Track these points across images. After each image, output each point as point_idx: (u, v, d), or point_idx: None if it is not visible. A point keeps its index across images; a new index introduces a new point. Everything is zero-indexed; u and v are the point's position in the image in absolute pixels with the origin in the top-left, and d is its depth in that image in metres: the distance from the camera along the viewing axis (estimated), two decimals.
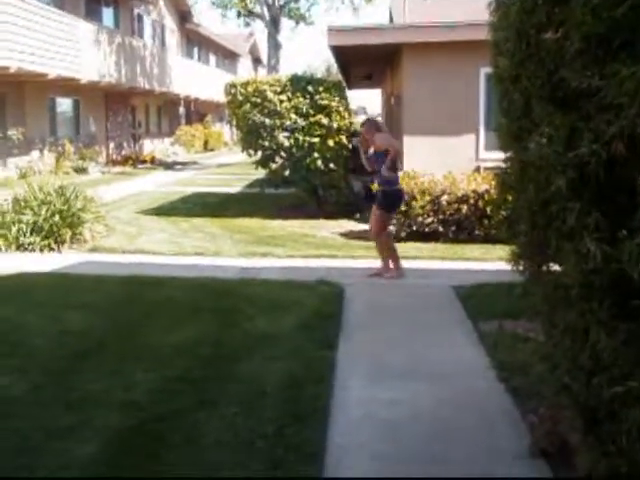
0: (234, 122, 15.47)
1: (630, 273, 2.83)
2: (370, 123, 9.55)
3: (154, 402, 4.92)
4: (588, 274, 3.07)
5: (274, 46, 35.91)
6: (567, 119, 3.23)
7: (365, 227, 13.30)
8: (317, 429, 4.48)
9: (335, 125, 14.52)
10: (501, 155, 4.35)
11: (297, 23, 38.24)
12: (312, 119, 14.46)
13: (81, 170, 24.83)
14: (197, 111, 45.49)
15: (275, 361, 5.73)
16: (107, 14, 30.69)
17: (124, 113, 33.28)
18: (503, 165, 4.28)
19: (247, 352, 5.92)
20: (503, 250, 4.59)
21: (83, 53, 25.06)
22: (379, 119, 15.85)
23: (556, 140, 3.24)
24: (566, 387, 3.44)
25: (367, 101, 64.78)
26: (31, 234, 10.96)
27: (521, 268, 4.13)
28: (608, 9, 2.98)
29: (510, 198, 4.25)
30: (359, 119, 16.75)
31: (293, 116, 14.41)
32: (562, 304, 3.47)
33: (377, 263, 9.45)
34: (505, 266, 4.34)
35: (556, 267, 3.69)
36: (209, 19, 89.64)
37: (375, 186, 9.56)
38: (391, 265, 9.20)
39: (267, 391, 5.07)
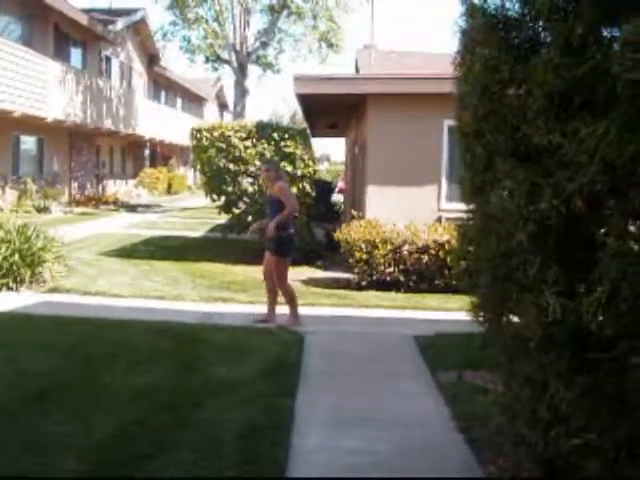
0: (198, 166, 15.49)
1: (588, 326, 2.88)
2: (271, 165, 9.43)
3: (113, 447, 4.85)
4: (547, 327, 3.12)
5: (241, 92, 36.11)
6: (529, 174, 3.30)
7: (327, 275, 13.34)
8: (275, 477, 4.45)
9: (299, 172, 14.61)
10: (463, 206, 4.41)
11: (264, 70, 38.52)
12: None
13: (43, 209, 24.61)
14: (162, 154, 45.45)
15: (235, 408, 5.70)
16: (75, 54, 30.69)
17: (88, 153, 33.14)
18: (465, 216, 4.34)
19: (207, 398, 5.88)
20: (463, 300, 4.64)
21: (49, 92, 25.00)
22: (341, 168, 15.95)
23: (517, 194, 3.31)
24: (524, 439, 3.47)
25: (331, 148, 65.36)
26: None
27: (481, 319, 4.18)
28: (569, 69, 3.06)
29: (471, 249, 4.30)
30: (323, 167, 16.90)
31: (257, 162, 14.48)
32: (521, 356, 3.51)
33: (340, 310, 9.46)
34: (465, 316, 4.38)
35: (516, 319, 3.73)
36: (177, 63, 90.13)
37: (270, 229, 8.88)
38: (278, 310, 9.19)
39: (226, 438, 5.03)
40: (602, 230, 3.03)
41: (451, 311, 9.73)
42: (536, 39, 3.52)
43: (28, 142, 27.34)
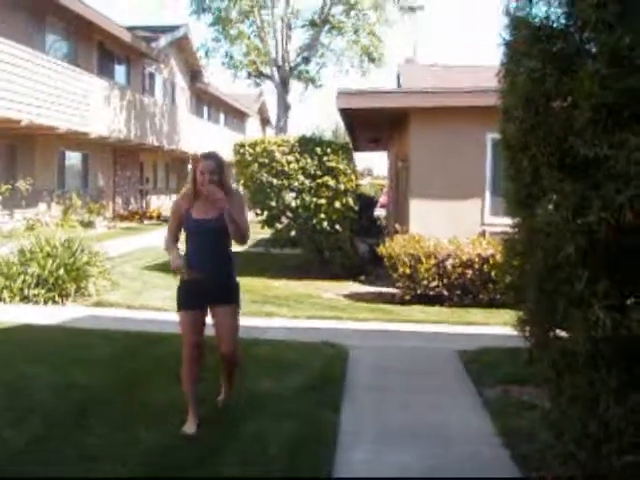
0: (241, 181, 15.55)
1: (639, 341, 2.83)
2: (218, 161, 5.48)
3: (157, 458, 4.87)
4: (597, 342, 3.07)
5: (283, 107, 36.25)
6: (576, 187, 3.26)
7: (370, 289, 13.29)
8: None
9: (342, 187, 14.61)
10: (507, 220, 4.37)
11: (306, 85, 38.63)
12: (319, 180, 14.58)
13: (88, 224, 24.88)
14: None
15: (279, 422, 5.69)
16: (119, 71, 31.09)
17: (132, 168, 33.50)
18: (510, 230, 4.30)
19: (250, 412, 5.88)
20: (508, 315, 4.58)
21: (94, 108, 25.33)
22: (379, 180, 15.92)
23: (565, 207, 3.27)
24: (573, 455, 3.41)
25: (373, 162, 65.36)
26: (36, 286, 10.97)
27: (527, 334, 4.12)
28: (616, 80, 3.02)
29: (517, 263, 4.26)
30: (365, 181, 16.87)
31: (300, 177, 14.52)
32: (570, 371, 3.46)
33: (384, 325, 9.38)
34: (510, 331, 4.33)
35: (563, 333, 3.68)
36: (220, 79, 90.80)
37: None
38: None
39: (270, 452, 5.02)
40: None
41: (495, 326, 9.64)
42: (582, 50, 3.49)
43: (73, 158, 27.70)
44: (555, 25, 3.66)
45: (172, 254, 5.52)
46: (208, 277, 5.50)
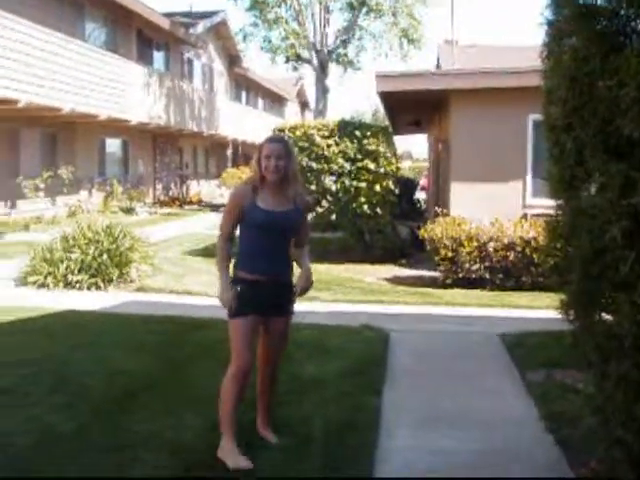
0: None
1: None
2: (286, 145, 4.80)
3: (203, 444, 4.90)
4: None
5: (322, 91, 36.18)
6: (621, 168, 3.20)
7: (411, 273, 13.25)
8: (364, 477, 4.43)
9: (382, 170, 14.57)
10: (549, 202, 4.31)
11: (345, 69, 38.50)
12: (359, 164, 14.56)
13: (128, 210, 25.10)
14: (244, 153, 45.90)
15: (322, 406, 5.69)
16: (158, 57, 31.25)
17: (172, 154, 33.70)
18: (552, 212, 4.24)
19: (294, 397, 5.89)
20: (551, 298, 4.54)
21: (133, 95, 25.52)
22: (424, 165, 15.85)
23: (610, 189, 3.21)
24: (619, 440, 3.37)
25: (413, 145, 65.04)
26: (79, 272, 11.09)
27: (571, 317, 4.08)
28: None
29: (560, 246, 4.20)
30: (405, 164, 16.80)
31: (340, 160, 14.49)
32: (615, 355, 3.41)
33: (425, 308, 9.32)
34: (553, 314, 4.28)
35: (608, 317, 3.63)
36: (258, 63, 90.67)
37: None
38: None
39: (313, 437, 5.02)
40: None
41: (538, 309, 9.57)
42: (628, 28, 3.42)
43: (113, 145, 27.96)
44: (599, 3, 3.59)
45: (222, 281, 4.80)
46: (273, 281, 4.78)
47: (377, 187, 14.51)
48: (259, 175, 4.68)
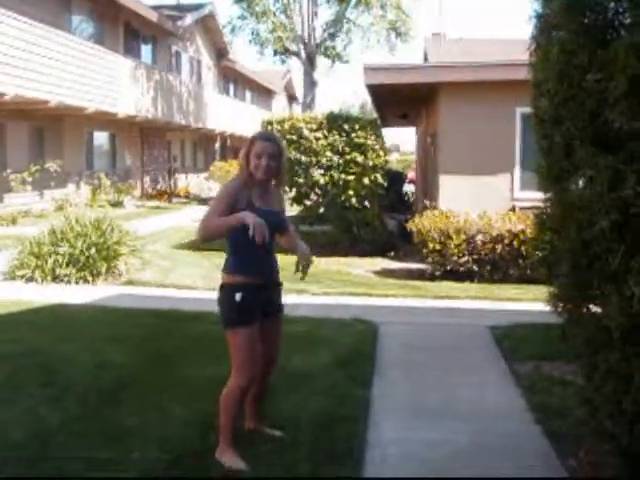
0: None
1: None
2: (279, 144, 4.54)
3: (191, 436, 4.91)
4: (632, 317, 3.05)
5: (310, 84, 36.13)
6: (610, 161, 3.22)
7: (400, 265, 13.26)
8: (352, 468, 4.44)
9: (370, 163, 14.58)
10: (537, 195, 4.34)
11: (333, 61, 38.42)
12: (347, 157, 14.57)
13: (116, 203, 25.03)
14: (232, 146, 45.82)
15: (310, 398, 5.70)
16: (145, 50, 31.14)
17: (160, 147, 33.61)
18: (540, 205, 4.26)
19: (282, 388, 5.89)
20: (538, 290, 4.57)
21: (121, 88, 25.41)
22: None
23: (599, 182, 3.23)
24: (607, 432, 3.39)
25: (401, 138, 65.03)
26: (67, 266, 11.06)
27: (560, 309, 4.10)
28: None
29: (549, 239, 4.22)
30: (393, 157, 16.82)
31: (328, 154, 14.49)
32: (604, 347, 3.43)
33: (414, 301, 9.34)
34: (541, 307, 4.30)
35: (597, 309, 3.65)
36: (245, 56, 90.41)
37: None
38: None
39: (301, 429, 5.04)
40: None
41: (526, 301, 9.61)
42: (617, 21, 3.43)
43: (101, 138, 27.85)
44: None
45: (235, 216, 4.23)
46: (270, 282, 4.66)
47: (365, 180, 14.53)
48: (247, 172, 4.41)
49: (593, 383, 3.64)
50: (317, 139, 14.70)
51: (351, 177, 14.53)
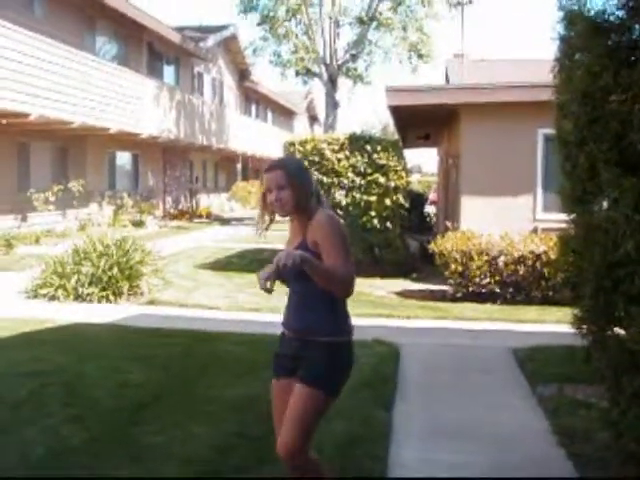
0: None
1: None
2: (286, 169, 3.61)
3: (212, 457, 4.90)
4: None
5: (331, 105, 36.19)
6: (635, 182, 3.21)
7: (421, 286, 13.23)
8: None
9: (392, 184, 14.57)
10: (559, 216, 4.33)
11: (355, 82, 38.48)
12: (369, 178, 14.55)
13: (139, 223, 25.16)
14: (254, 167, 45.97)
15: (333, 419, 5.68)
16: (168, 71, 31.38)
17: (182, 168, 33.78)
18: (563, 226, 4.24)
19: None
20: (561, 312, 4.55)
21: (144, 109, 25.59)
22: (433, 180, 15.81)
23: (624, 203, 3.22)
24: (633, 456, 3.36)
25: (422, 159, 64.97)
26: (90, 285, 11.13)
27: (584, 332, 4.07)
28: None
29: (572, 260, 4.20)
30: (414, 178, 16.84)
31: (350, 175, 14.51)
32: (629, 370, 3.40)
33: (435, 322, 9.27)
34: (563, 329, 4.28)
35: (622, 331, 3.63)
36: (267, 77, 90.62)
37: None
38: None
39: (324, 450, 5.02)
40: None
41: (549, 323, 9.55)
42: None
43: (123, 158, 28.05)
44: (612, 18, 3.61)
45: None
46: (294, 338, 3.79)
47: (387, 201, 14.51)
48: (270, 211, 3.70)
49: (618, 406, 3.61)
50: (339, 160, 14.71)
51: (373, 198, 14.52)
